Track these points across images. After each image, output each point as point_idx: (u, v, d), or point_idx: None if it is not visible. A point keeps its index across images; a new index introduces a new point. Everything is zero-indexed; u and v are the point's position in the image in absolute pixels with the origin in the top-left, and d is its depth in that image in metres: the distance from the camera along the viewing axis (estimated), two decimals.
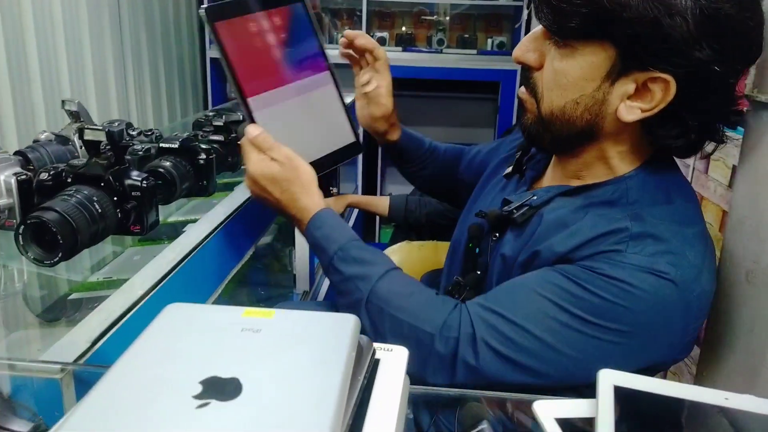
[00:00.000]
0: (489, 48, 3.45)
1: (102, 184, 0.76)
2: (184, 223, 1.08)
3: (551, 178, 0.85)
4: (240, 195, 1.08)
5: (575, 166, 0.79)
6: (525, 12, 3.20)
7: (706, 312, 0.74)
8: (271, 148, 0.82)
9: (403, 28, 3.59)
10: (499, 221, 0.82)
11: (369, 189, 3.80)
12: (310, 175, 0.83)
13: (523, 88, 0.79)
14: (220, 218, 0.97)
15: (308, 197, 0.82)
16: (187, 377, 0.33)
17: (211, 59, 3.37)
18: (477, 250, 0.87)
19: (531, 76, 0.76)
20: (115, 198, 0.77)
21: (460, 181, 1.14)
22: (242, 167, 0.87)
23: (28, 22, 1.91)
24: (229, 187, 1.17)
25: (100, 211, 0.73)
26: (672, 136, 0.71)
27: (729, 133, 0.77)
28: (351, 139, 0.94)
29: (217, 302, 1.01)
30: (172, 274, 0.80)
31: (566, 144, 0.77)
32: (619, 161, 0.76)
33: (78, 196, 0.72)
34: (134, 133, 1.10)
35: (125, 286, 0.76)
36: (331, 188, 2.31)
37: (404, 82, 3.64)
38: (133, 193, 0.78)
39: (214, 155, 0.99)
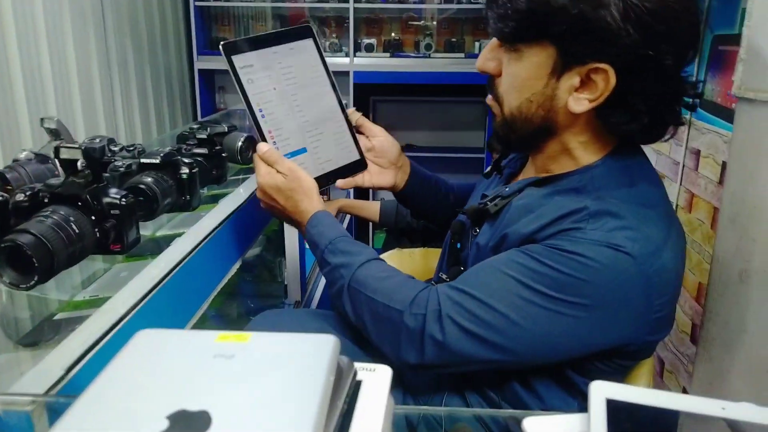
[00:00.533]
0: (477, 51, 3.44)
1: (79, 204, 0.74)
2: (172, 238, 1.06)
3: (525, 173, 0.91)
4: (225, 207, 1.06)
5: (542, 160, 0.84)
6: None
7: (671, 290, 0.76)
8: (276, 161, 0.92)
9: (392, 34, 3.58)
10: (477, 215, 0.87)
11: (361, 194, 3.79)
12: (311, 184, 0.92)
13: (489, 96, 0.85)
14: (205, 232, 0.95)
15: (308, 203, 0.91)
16: (154, 412, 0.31)
17: (200, 70, 3.36)
18: (458, 245, 0.91)
19: (493, 84, 0.82)
20: (93, 217, 0.75)
21: None
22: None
23: (10, 35, 1.89)
24: (216, 199, 1.16)
25: (77, 231, 0.72)
26: (625, 122, 0.75)
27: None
28: (356, 156, 1.03)
29: (205, 315, 1.00)
30: (154, 291, 0.78)
31: (530, 141, 0.83)
32: (582, 152, 0.80)
33: (54, 217, 0.70)
34: (116, 148, 1.08)
35: (105, 306, 0.74)
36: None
37: (393, 88, 3.66)
38: (111, 212, 0.76)
39: (197, 169, 0.97)
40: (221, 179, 1.16)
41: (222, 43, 0.91)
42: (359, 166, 1.03)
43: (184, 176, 0.95)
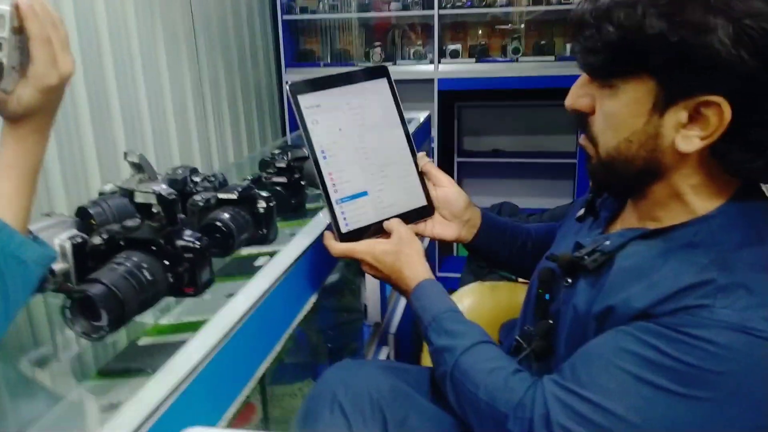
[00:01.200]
0: (567, 54, 3.28)
1: (153, 248, 0.74)
2: (256, 256, 1.05)
3: (626, 219, 0.80)
4: (303, 240, 1.04)
5: (648, 206, 0.74)
6: None
7: None
8: (353, 251, 0.89)
9: (478, 39, 3.49)
10: (570, 266, 0.76)
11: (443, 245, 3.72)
12: (415, 248, 0.88)
13: (583, 136, 0.77)
14: (283, 266, 0.92)
15: (411, 269, 0.87)
16: None
17: (288, 83, 3.42)
18: (547, 296, 0.81)
19: (586, 122, 0.74)
20: (167, 261, 0.74)
21: None
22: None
23: (107, 60, 1.97)
24: (299, 222, 1.13)
25: (150, 278, 0.71)
26: (747, 160, 0.65)
27: None
28: (422, 202, 0.98)
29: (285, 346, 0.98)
30: (232, 333, 0.76)
31: (633, 184, 0.74)
32: (695, 197, 0.69)
33: (127, 264, 0.70)
34: (198, 179, 1.09)
35: (181, 352, 0.73)
36: None
37: (479, 93, 3.57)
38: (185, 255, 0.76)
39: (273, 203, 0.96)
40: (300, 207, 1.14)
41: (289, 84, 0.90)
42: (425, 212, 0.98)
43: (261, 210, 0.94)
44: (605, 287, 0.69)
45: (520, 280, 1.14)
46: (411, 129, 2.17)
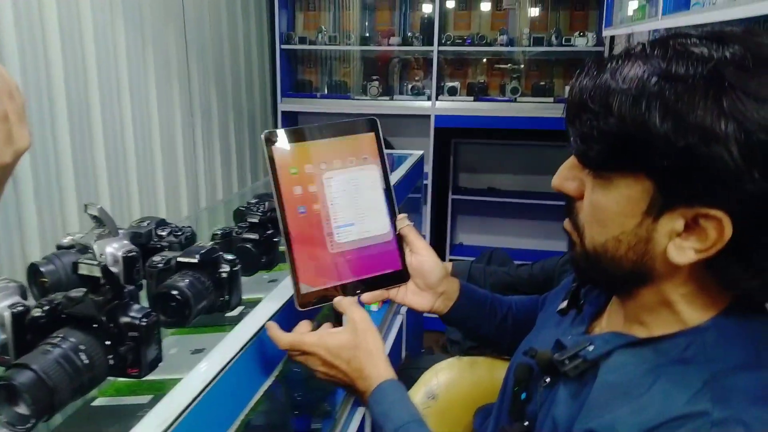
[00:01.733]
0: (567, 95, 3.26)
1: (95, 325, 0.68)
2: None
3: (611, 318, 0.73)
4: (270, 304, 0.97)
5: (635, 308, 0.67)
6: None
7: None
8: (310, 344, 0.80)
9: (477, 77, 3.47)
10: (549, 367, 0.70)
11: (438, 238, 3.67)
12: (377, 343, 0.80)
13: (567, 220, 0.70)
14: (254, 328, 0.85)
15: (372, 367, 0.78)
16: None
17: (283, 113, 3.38)
18: (524, 395, 0.74)
19: (572, 207, 0.68)
20: (109, 342, 0.68)
21: None
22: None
23: (93, 83, 1.92)
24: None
25: (87, 362, 0.65)
26: (742, 278, 0.59)
27: None
28: (398, 267, 0.91)
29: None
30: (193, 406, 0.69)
31: (618, 284, 0.67)
32: (686, 306, 0.63)
33: (63, 346, 0.64)
34: (164, 233, 1.03)
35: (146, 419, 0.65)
36: None
37: (478, 131, 3.53)
38: (130, 333, 0.69)
39: (238, 267, 0.90)
40: (271, 265, 1.08)
41: (264, 134, 0.82)
42: (400, 277, 0.91)
43: (224, 275, 0.88)
44: (588, 404, 0.62)
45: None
46: (404, 168, 2.13)
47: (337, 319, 0.85)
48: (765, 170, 0.52)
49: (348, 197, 0.87)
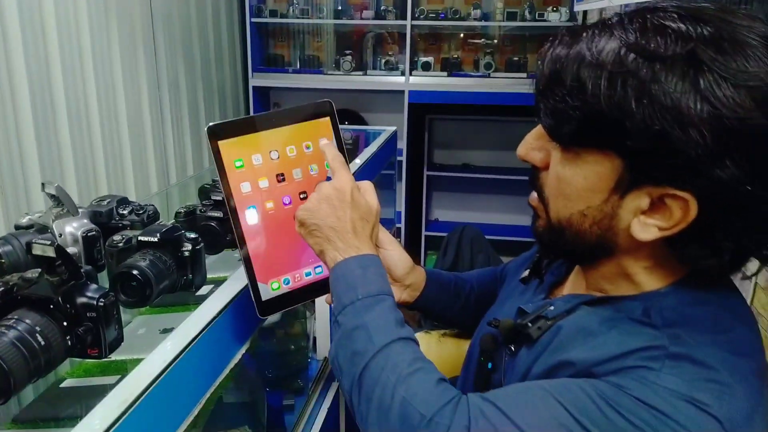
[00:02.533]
0: None
1: (51, 306, 0.66)
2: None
3: (572, 285, 0.75)
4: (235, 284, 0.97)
5: (595, 278, 0.68)
6: None
7: None
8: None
9: (450, 53, 3.45)
10: (512, 333, 0.71)
11: (413, 214, 3.68)
12: (377, 209, 0.77)
13: (533, 195, 0.69)
14: (223, 302, 0.83)
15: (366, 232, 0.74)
16: None
17: (254, 87, 3.33)
18: (490, 365, 0.75)
19: (537, 178, 0.67)
20: (66, 323, 0.67)
21: None
22: None
23: (53, 49, 1.86)
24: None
25: (43, 343, 0.63)
26: (701, 257, 0.59)
27: None
28: None
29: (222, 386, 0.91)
30: (160, 378, 0.69)
31: (581, 256, 0.68)
32: (645, 277, 0.64)
33: (18, 327, 0.62)
34: (125, 211, 1.01)
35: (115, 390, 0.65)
36: None
37: (452, 107, 3.53)
38: (88, 314, 0.68)
39: (201, 245, 0.88)
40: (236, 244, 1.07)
41: (208, 126, 0.75)
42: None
43: (186, 254, 0.87)
44: (548, 349, 0.64)
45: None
46: (377, 144, 2.12)
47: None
48: (736, 157, 0.52)
49: (305, 186, 0.81)
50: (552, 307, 0.68)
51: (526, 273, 0.81)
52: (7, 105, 1.67)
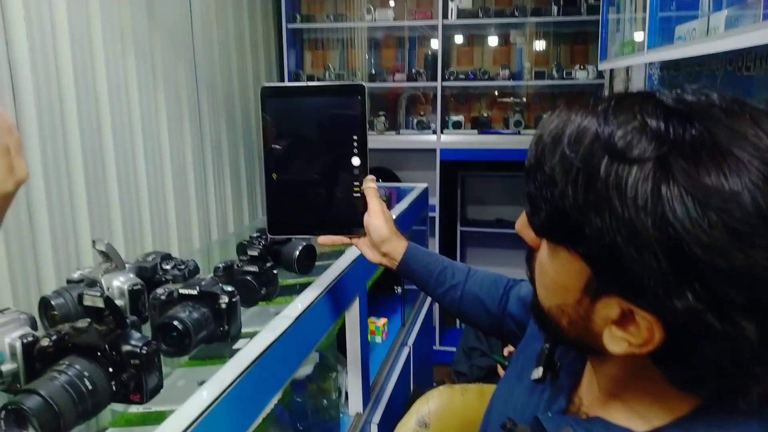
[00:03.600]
0: None
1: (99, 353, 0.73)
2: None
3: (588, 385, 0.67)
4: (266, 335, 1.01)
5: (608, 376, 0.60)
6: (606, 91, 3.07)
7: None
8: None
9: (480, 111, 3.54)
10: None
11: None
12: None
13: (527, 269, 0.65)
14: (256, 353, 0.89)
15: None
16: None
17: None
18: None
19: (533, 256, 0.62)
20: (111, 369, 0.73)
21: (509, 316, 1.02)
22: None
23: (105, 115, 1.98)
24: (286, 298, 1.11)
25: (90, 388, 0.69)
26: (685, 381, 0.52)
27: None
28: (359, 219, 1.01)
29: None
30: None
31: (577, 348, 0.63)
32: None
33: (68, 372, 0.69)
34: (168, 266, 1.08)
35: None
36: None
37: (483, 164, 3.59)
38: (132, 361, 0.74)
39: (236, 298, 0.94)
40: (270, 296, 1.13)
41: (261, 86, 0.97)
42: (359, 230, 1.01)
43: (223, 306, 0.93)
44: None
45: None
46: (408, 200, 2.17)
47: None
48: (699, 287, 0.44)
49: (326, 150, 1.00)
50: None
51: (540, 372, 0.72)
52: (61, 167, 1.80)
